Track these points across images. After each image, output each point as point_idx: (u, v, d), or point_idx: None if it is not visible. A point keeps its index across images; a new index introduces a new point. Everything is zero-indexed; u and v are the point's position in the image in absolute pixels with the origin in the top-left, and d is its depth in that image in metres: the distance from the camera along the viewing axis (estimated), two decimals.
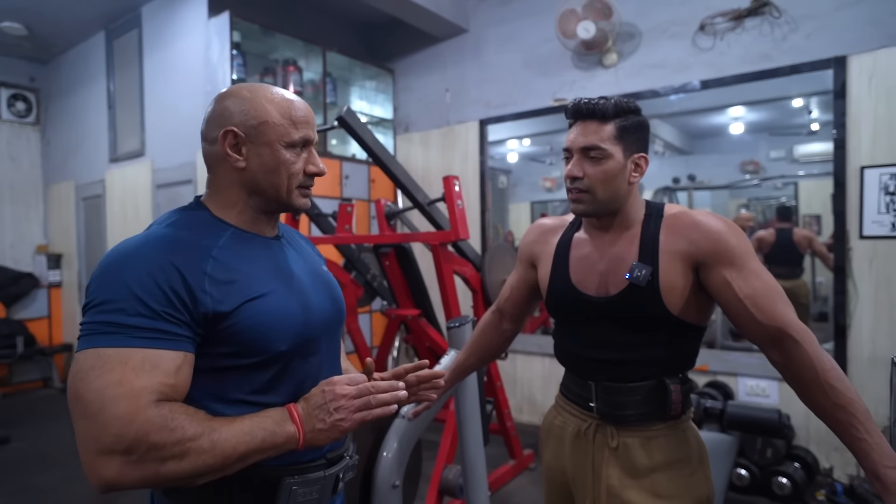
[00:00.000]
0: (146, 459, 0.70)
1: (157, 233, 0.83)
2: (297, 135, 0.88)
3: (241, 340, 0.81)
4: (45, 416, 4.30)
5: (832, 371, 0.97)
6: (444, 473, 2.46)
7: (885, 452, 0.91)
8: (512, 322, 1.44)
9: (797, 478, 2.65)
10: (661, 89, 3.40)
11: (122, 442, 0.69)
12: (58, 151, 5.27)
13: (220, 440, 0.74)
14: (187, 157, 3.79)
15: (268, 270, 0.88)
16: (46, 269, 5.22)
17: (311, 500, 0.87)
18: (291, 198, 0.90)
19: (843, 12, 2.85)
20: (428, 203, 2.64)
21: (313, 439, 0.81)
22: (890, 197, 2.71)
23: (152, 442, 0.70)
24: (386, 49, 4.77)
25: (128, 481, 0.70)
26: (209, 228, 0.87)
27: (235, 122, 0.87)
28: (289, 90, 3.94)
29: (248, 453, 0.76)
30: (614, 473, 1.15)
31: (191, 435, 0.72)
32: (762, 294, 1.04)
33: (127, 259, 0.78)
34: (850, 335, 2.82)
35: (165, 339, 0.75)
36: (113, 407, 0.69)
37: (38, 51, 5.04)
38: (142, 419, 0.70)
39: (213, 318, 0.79)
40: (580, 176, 1.13)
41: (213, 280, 0.80)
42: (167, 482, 0.73)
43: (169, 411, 0.72)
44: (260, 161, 0.87)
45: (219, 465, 0.74)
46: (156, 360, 0.74)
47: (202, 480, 0.75)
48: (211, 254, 0.82)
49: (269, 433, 0.78)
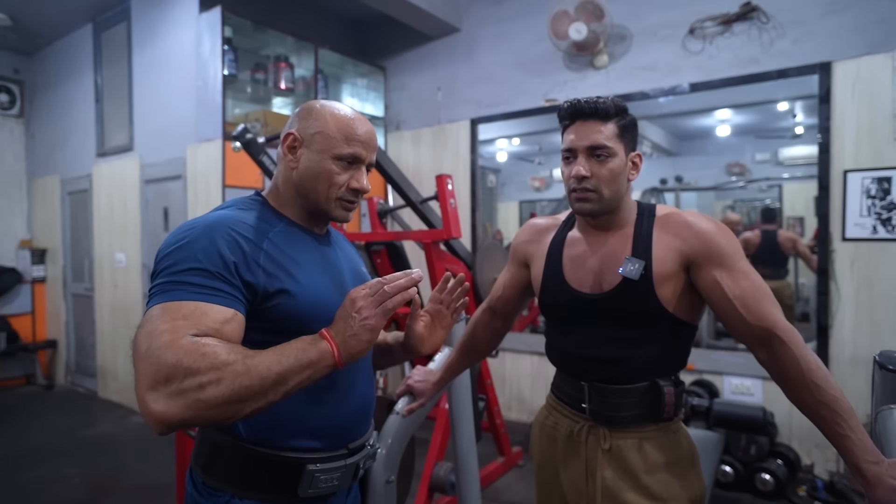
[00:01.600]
0: (185, 388, 0.71)
1: (222, 213, 0.91)
2: (347, 150, 0.95)
3: (285, 320, 0.87)
4: (28, 414, 4.24)
5: (817, 370, 0.99)
6: (435, 470, 2.48)
7: (867, 448, 0.94)
8: (503, 320, 1.45)
9: (780, 474, 2.71)
10: (650, 91, 3.44)
11: (161, 371, 0.71)
12: (43, 145, 5.19)
13: (254, 363, 0.75)
14: (177, 153, 3.76)
15: (315, 263, 0.96)
16: (30, 264, 5.14)
17: (331, 486, 0.94)
18: (330, 206, 0.97)
19: (829, 19, 2.91)
20: (421, 201, 2.65)
21: (348, 348, 0.81)
22: (872, 200, 2.78)
23: (186, 366, 0.71)
24: (378, 47, 4.76)
25: (175, 413, 0.71)
26: (267, 216, 0.95)
27: (299, 128, 0.97)
28: (280, 86, 3.89)
29: (284, 373, 0.77)
30: (609, 475, 1.16)
31: (224, 360, 0.74)
32: (750, 294, 1.06)
33: (193, 232, 0.85)
34: (832, 335, 2.89)
35: (218, 296, 0.80)
36: (156, 342, 0.73)
37: (22, 42, 4.96)
38: (176, 346, 0.73)
39: (262, 294, 0.85)
40: (588, 175, 1.13)
41: (268, 256, 0.88)
42: (213, 412, 0.73)
43: (203, 340, 0.75)
44: (308, 166, 0.96)
45: (257, 386, 0.75)
46: (206, 310, 0.79)
47: (248, 408, 0.75)
48: (268, 235, 0.90)
49: (301, 350, 0.79)
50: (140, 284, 4.14)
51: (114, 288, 4.41)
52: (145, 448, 3.49)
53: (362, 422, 1.01)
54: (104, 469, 3.18)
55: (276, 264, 0.88)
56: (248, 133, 2.46)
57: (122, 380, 4.37)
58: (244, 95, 3.84)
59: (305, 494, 0.91)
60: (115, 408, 4.33)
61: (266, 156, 2.54)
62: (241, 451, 0.90)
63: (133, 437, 3.69)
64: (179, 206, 3.80)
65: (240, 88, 3.78)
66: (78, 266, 4.90)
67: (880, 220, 2.76)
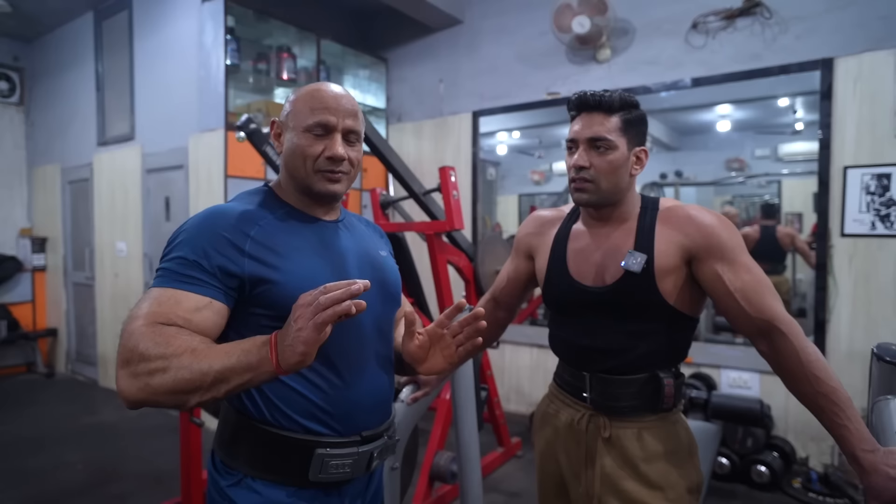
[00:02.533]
0: (139, 372, 0.77)
1: (220, 205, 0.97)
2: (311, 119, 0.95)
3: (277, 304, 0.88)
4: (29, 402, 4.26)
5: (817, 362, 1.02)
6: (436, 459, 2.51)
7: (864, 437, 0.96)
8: (507, 310, 1.48)
9: (775, 466, 2.75)
10: (653, 86, 3.45)
11: (125, 352, 0.78)
12: (43, 133, 5.17)
13: (198, 358, 0.77)
14: (179, 142, 3.76)
15: (310, 248, 0.97)
16: (30, 252, 5.15)
17: (343, 473, 0.94)
18: (312, 181, 0.97)
19: (832, 15, 2.91)
20: (424, 193, 2.67)
21: (285, 358, 0.76)
22: (871, 196, 2.80)
23: (140, 351, 0.77)
24: (380, 38, 4.75)
25: (132, 394, 0.77)
26: (266, 204, 0.98)
27: (281, 114, 1.00)
28: (282, 77, 3.87)
29: (225, 371, 0.76)
30: (609, 463, 1.18)
31: (173, 351, 0.77)
32: (752, 288, 1.08)
33: (187, 223, 0.92)
34: (829, 330, 2.92)
35: (193, 284, 0.85)
36: (130, 325, 0.80)
37: (22, 29, 4.94)
38: (138, 332, 0.79)
39: (248, 280, 0.88)
40: (587, 166, 1.15)
41: (255, 243, 0.90)
42: (160, 397, 0.77)
43: (161, 329, 0.80)
44: (287, 147, 0.98)
45: (197, 380, 0.76)
46: (180, 298, 0.84)
47: (192, 399, 0.77)
48: (258, 223, 0.93)
49: (244, 353, 0.78)
50: (141, 274, 4.15)
51: (114, 277, 4.42)
52: (147, 436, 3.52)
53: (375, 410, 1.00)
54: (106, 456, 3.21)
55: (264, 250, 0.90)
56: (251, 123, 2.47)
57: None
58: (246, 86, 3.83)
59: (316, 479, 0.92)
60: (115, 396, 4.32)
61: (269, 146, 2.55)
62: (254, 431, 0.92)
63: (135, 426, 3.71)
64: (181, 195, 3.81)
65: (242, 78, 3.78)
66: (78, 255, 4.90)
67: (879, 216, 2.78)
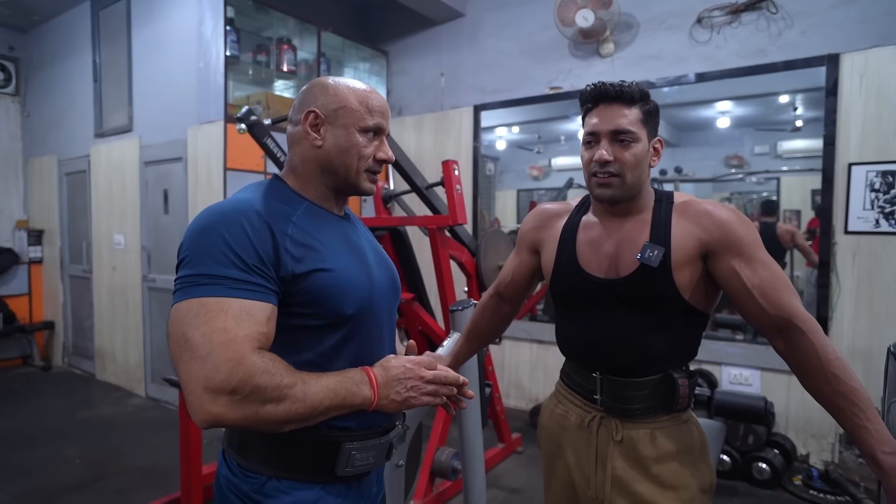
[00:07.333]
0: (249, 400, 0.78)
1: (246, 198, 0.91)
2: (371, 121, 0.97)
3: (314, 301, 0.88)
4: (25, 395, 4.23)
5: (836, 360, 1.00)
6: (437, 455, 2.50)
7: (885, 439, 0.95)
8: (511, 305, 1.45)
9: (776, 463, 2.75)
10: (656, 81, 3.43)
11: (231, 382, 0.76)
12: (39, 124, 5.11)
13: (311, 392, 0.83)
14: (178, 134, 3.72)
15: (339, 242, 0.97)
16: (27, 244, 5.10)
17: (367, 465, 0.96)
18: (360, 179, 0.99)
19: (838, 10, 2.89)
20: (426, 187, 2.64)
21: (384, 406, 0.90)
22: (875, 194, 2.79)
23: (256, 384, 0.78)
24: (381, 31, 4.71)
25: (230, 418, 0.78)
26: (288, 199, 0.96)
27: (318, 105, 0.96)
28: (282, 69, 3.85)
29: (330, 408, 0.85)
30: (620, 465, 1.16)
31: (287, 383, 0.80)
32: (769, 284, 1.06)
33: (222, 218, 0.85)
34: (832, 327, 2.91)
35: (257, 291, 0.83)
36: (222, 351, 0.77)
37: (17, 18, 4.87)
38: (248, 363, 0.78)
39: (290, 278, 0.86)
40: (611, 160, 1.12)
41: (294, 241, 0.88)
42: (262, 424, 0.80)
43: (270, 359, 0.81)
44: (335, 141, 0.96)
45: (307, 414, 0.82)
46: (251, 310, 0.81)
47: (288, 427, 0.83)
48: (291, 219, 0.91)
49: (349, 393, 0.86)
50: (139, 267, 4.12)
51: (112, 270, 4.38)
52: (145, 430, 3.49)
53: None
54: (104, 450, 3.19)
55: (302, 248, 0.89)
56: (253, 115, 2.44)
57: (121, 362, 4.36)
58: (246, 77, 3.79)
59: (343, 473, 0.93)
60: (113, 390, 4.32)
61: (271, 138, 2.51)
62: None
63: (132, 420, 3.69)
64: (180, 188, 3.77)
65: (241, 70, 3.74)
66: (76, 247, 4.85)
67: (883, 213, 2.77)
